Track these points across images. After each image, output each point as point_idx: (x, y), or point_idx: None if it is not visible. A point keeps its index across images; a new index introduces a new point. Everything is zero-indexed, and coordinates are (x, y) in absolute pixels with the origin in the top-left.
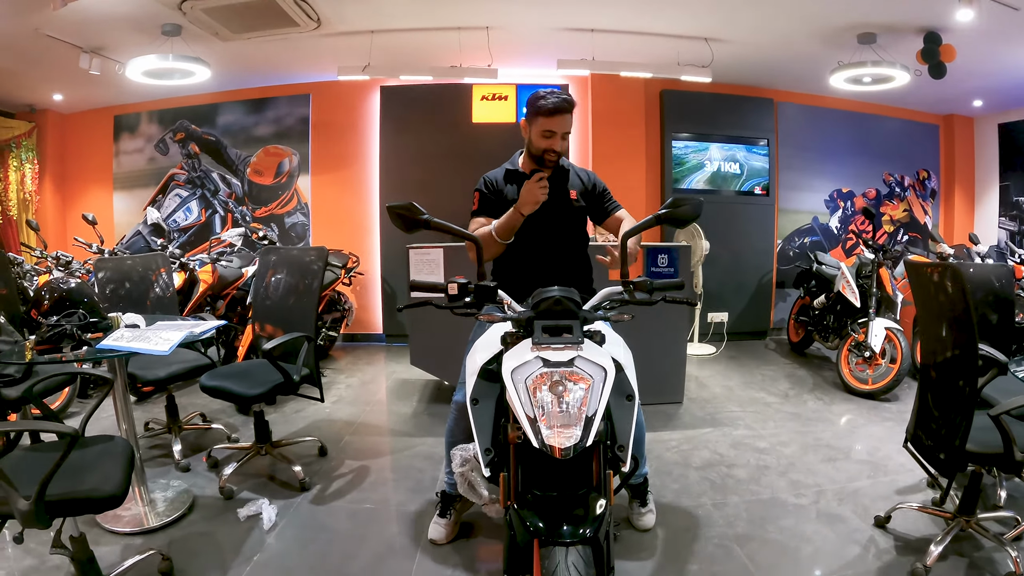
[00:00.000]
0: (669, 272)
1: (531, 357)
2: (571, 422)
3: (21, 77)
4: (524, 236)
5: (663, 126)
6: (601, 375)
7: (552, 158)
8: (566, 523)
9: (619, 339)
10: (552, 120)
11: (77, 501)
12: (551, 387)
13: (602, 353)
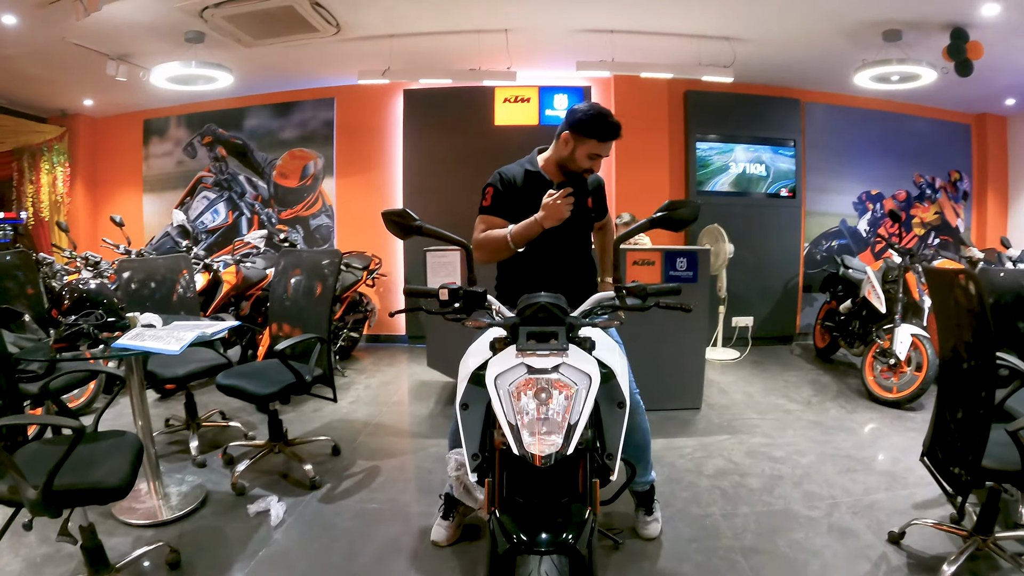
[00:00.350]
0: (688, 276)
1: (515, 363)
2: (552, 430)
3: (51, 83)
4: (536, 243)
5: (687, 128)
6: (586, 382)
7: (588, 176)
8: (544, 531)
9: (615, 345)
10: (605, 146)
11: (83, 492)
12: (535, 394)
13: (588, 360)
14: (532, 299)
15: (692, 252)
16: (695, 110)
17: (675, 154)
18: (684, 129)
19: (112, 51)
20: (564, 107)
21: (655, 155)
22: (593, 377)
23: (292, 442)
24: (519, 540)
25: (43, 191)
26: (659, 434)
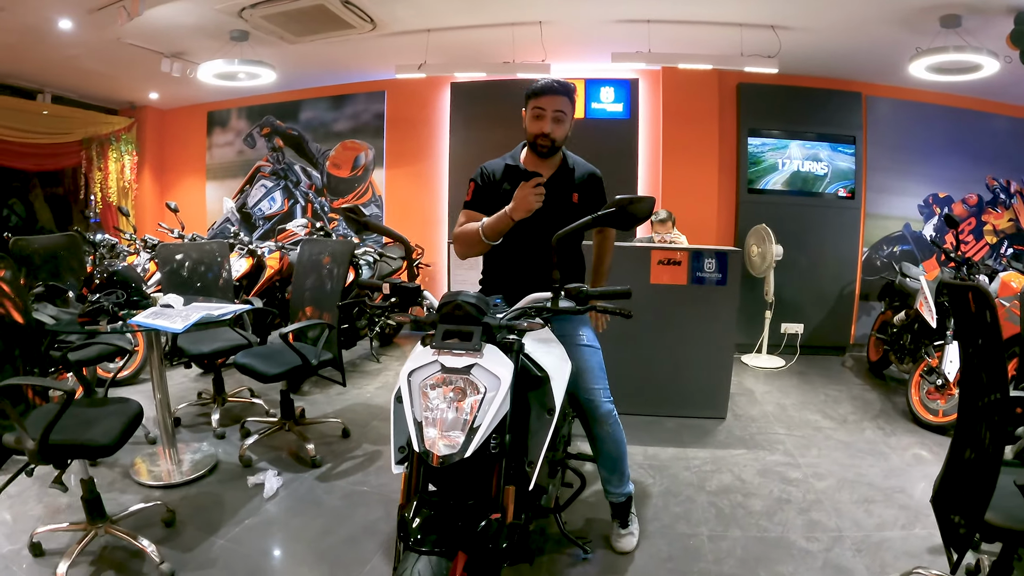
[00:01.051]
0: (717, 278)
1: (430, 360)
2: (454, 430)
3: (115, 79)
4: (515, 237)
5: (739, 122)
6: (495, 385)
7: (545, 143)
8: (430, 531)
9: (557, 350)
10: (541, 99)
11: (74, 447)
12: (443, 393)
13: (503, 363)
14: (450, 297)
15: (721, 252)
16: (748, 103)
17: (725, 150)
18: (736, 123)
19: (166, 49)
20: (610, 100)
21: (703, 150)
22: (503, 381)
23: (303, 422)
24: (404, 535)
25: (111, 178)
26: (671, 442)
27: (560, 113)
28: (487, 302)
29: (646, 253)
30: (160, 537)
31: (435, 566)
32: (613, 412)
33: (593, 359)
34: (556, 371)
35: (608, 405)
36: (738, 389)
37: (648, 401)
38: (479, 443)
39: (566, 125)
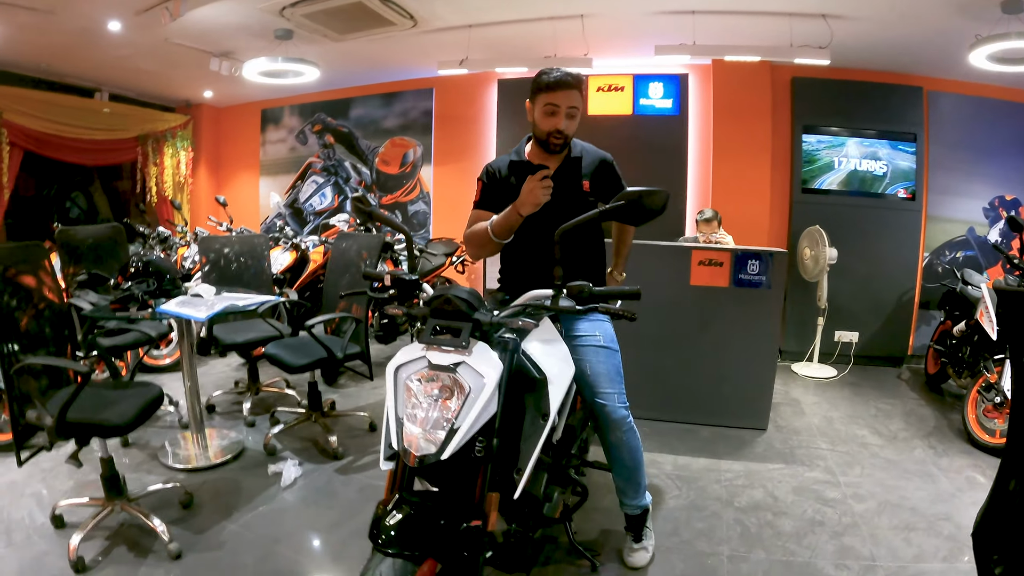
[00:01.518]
0: (759, 281)
1: (419, 356)
2: (435, 430)
3: (168, 78)
4: (527, 233)
5: (794, 118)
6: (480, 385)
7: (558, 140)
8: (400, 533)
9: (560, 351)
10: (555, 94)
11: (89, 425)
12: (425, 389)
13: (491, 363)
14: (441, 291)
15: (765, 254)
16: (802, 98)
17: (779, 147)
18: (790, 120)
19: (215, 48)
20: (659, 96)
21: (756, 148)
22: (488, 381)
23: (330, 414)
24: (374, 534)
25: (166, 172)
26: (705, 453)
27: (573, 109)
28: (479, 298)
29: (686, 253)
30: (176, 518)
31: (399, 570)
32: (627, 419)
33: (609, 362)
34: (556, 374)
35: (622, 411)
36: (784, 399)
37: (684, 408)
38: (458, 445)
39: (577, 120)
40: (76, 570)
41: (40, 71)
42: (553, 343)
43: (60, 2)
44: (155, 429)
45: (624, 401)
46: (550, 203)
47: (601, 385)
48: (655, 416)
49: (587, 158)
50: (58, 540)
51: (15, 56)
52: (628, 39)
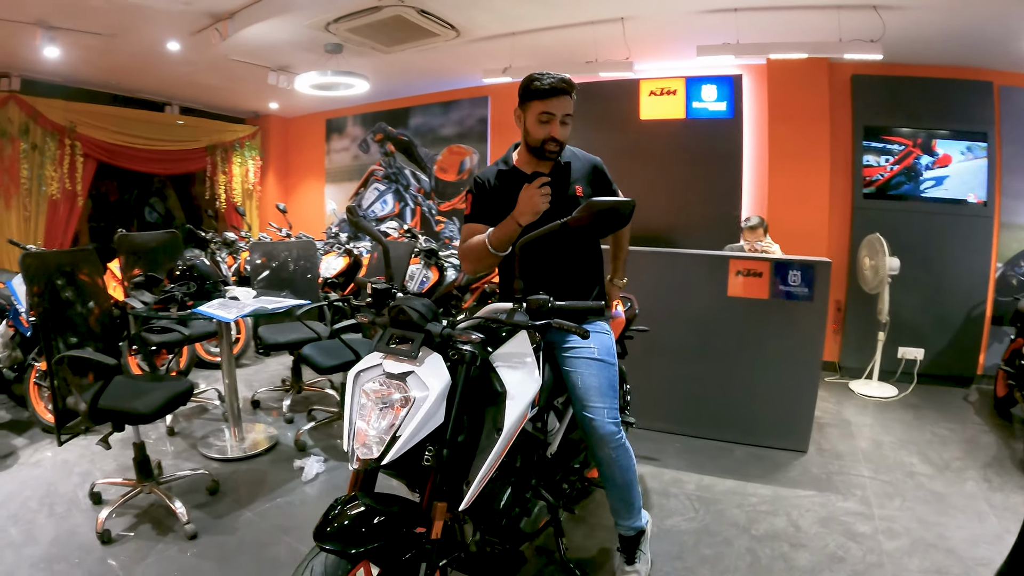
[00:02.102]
0: (802, 293)
1: (376, 363)
2: (379, 436)
3: (232, 91)
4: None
5: (854, 119)
6: (424, 395)
7: (553, 149)
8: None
9: (526, 365)
10: (549, 102)
11: (117, 412)
12: (375, 396)
13: (437, 374)
14: (397, 302)
15: (808, 264)
16: (863, 97)
17: (838, 149)
18: (850, 120)
19: (271, 63)
20: (712, 99)
21: (814, 151)
22: (431, 392)
23: None
24: (318, 527)
25: (235, 180)
26: (733, 474)
27: (568, 116)
28: (433, 309)
29: (723, 263)
30: (200, 502)
31: (330, 566)
32: (616, 435)
33: (601, 375)
34: (518, 388)
35: (610, 426)
36: (834, 419)
37: (720, 426)
38: (398, 452)
39: (571, 125)
40: (102, 541)
41: (112, 87)
42: (520, 357)
43: (120, 26)
44: (202, 420)
45: (615, 416)
46: (549, 210)
47: (590, 399)
48: (689, 432)
49: (577, 163)
50: (93, 514)
51: (88, 75)
52: (669, 41)
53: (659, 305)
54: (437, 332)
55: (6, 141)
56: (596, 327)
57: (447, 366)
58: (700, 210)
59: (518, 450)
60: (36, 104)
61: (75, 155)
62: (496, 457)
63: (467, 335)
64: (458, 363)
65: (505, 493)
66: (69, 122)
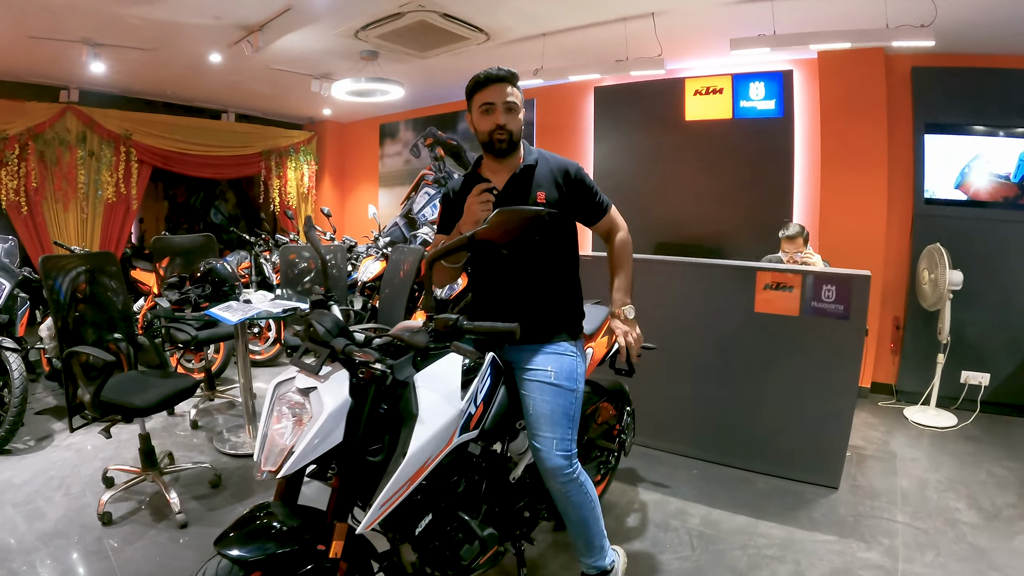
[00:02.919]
0: (836, 310)
1: (292, 376)
2: (280, 448)
3: (283, 99)
4: (481, 258)
5: (914, 114)
6: (320, 412)
7: (502, 137)
8: (241, 538)
9: (447, 387)
10: (486, 91)
11: (116, 405)
12: (287, 409)
13: (335, 392)
14: (310, 316)
15: (843, 278)
16: (924, 92)
17: (897, 149)
18: (911, 116)
19: (313, 71)
20: (760, 97)
21: (870, 151)
22: (325, 410)
23: None
24: (219, 535)
25: (290, 184)
26: (748, 509)
27: (511, 103)
28: (340, 324)
29: (750, 275)
30: (200, 494)
31: (222, 571)
32: (566, 469)
33: (555, 401)
34: (431, 411)
35: (558, 460)
36: (878, 451)
37: (744, 453)
38: (291, 468)
39: (519, 115)
40: (103, 522)
41: (168, 97)
42: (444, 379)
43: (160, 41)
44: (226, 416)
45: (567, 448)
46: None
47: (539, 427)
48: (709, 458)
49: (544, 166)
50: (99, 496)
51: (143, 86)
52: (702, 35)
53: (679, 320)
54: (340, 348)
55: (64, 149)
56: (556, 348)
57: (359, 383)
58: (748, 217)
59: (458, 473)
60: (93, 114)
61: (130, 161)
62: (400, 481)
63: (366, 355)
64: (371, 382)
65: (424, 519)
66: (124, 130)
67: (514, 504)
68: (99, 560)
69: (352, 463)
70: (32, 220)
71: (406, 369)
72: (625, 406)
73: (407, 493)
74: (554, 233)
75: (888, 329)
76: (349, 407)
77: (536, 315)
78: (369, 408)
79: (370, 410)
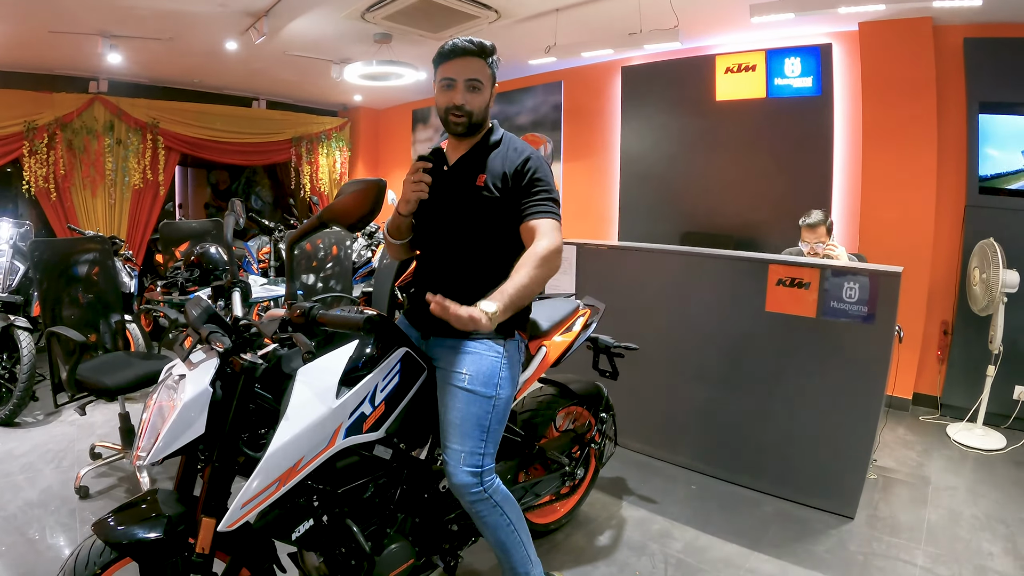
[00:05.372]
0: (859, 312)
1: (177, 361)
2: (151, 435)
3: (311, 85)
4: (421, 236)
5: (968, 92)
6: (182, 401)
7: (458, 118)
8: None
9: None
10: (449, 64)
11: (89, 384)
12: (165, 396)
13: (197, 381)
14: (188, 302)
15: (868, 274)
16: (978, 66)
17: (949, 130)
18: (964, 94)
19: (331, 56)
20: (796, 74)
21: (918, 132)
22: (184, 399)
23: None
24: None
25: (321, 171)
26: (742, 537)
27: (476, 81)
28: (211, 311)
29: (761, 268)
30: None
31: (95, 555)
32: (474, 488)
33: (467, 409)
34: (299, 409)
35: (465, 476)
36: (910, 474)
37: (750, 469)
38: (154, 456)
39: (485, 94)
40: (80, 496)
41: (195, 85)
42: (320, 373)
43: (175, 30)
44: None
45: (476, 464)
46: (442, 201)
47: (448, 437)
48: (714, 473)
49: (499, 149)
50: (81, 470)
51: (167, 74)
52: (720, 2)
53: (683, 316)
54: (204, 335)
55: (91, 138)
56: (477, 347)
57: (232, 373)
58: (782, 205)
59: (363, 478)
60: (120, 103)
61: (157, 148)
62: (265, 481)
63: (219, 342)
64: (241, 373)
65: (304, 524)
66: (152, 119)
67: (441, 516)
68: (66, 531)
69: (223, 455)
70: (61, 206)
71: (294, 360)
72: (602, 411)
73: (278, 494)
74: (489, 222)
75: (935, 334)
76: (211, 397)
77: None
78: (238, 400)
79: (244, 401)
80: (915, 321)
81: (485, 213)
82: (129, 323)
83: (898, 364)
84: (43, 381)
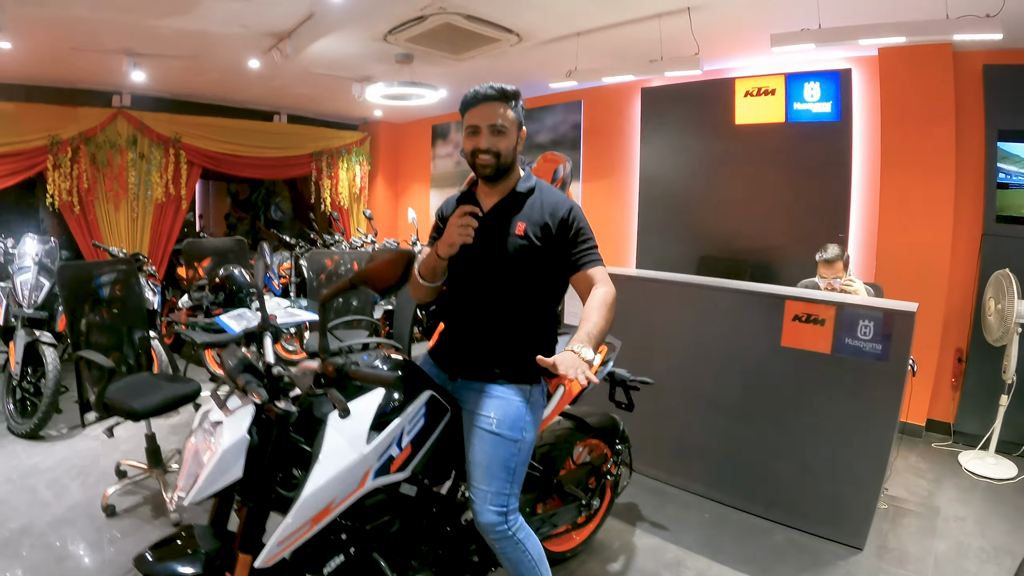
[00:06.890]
0: (873, 350)
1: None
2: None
3: (332, 100)
4: (455, 280)
5: (987, 119)
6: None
7: (486, 162)
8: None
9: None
10: (472, 112)
11: (117, 407)
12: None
13: (234, 428)
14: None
15: (883, 313)
16: (997, 94)
17: (967, 158)
18: (983, 121)
19: (352, 74)
20: (815, 99)
21: (936, 159)
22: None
23: None
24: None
25: (341, 185)
26: (753, 566)
27: (500, 125)
28: (246, 362)
29: (778, 304)
30: None
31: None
32: (499, 526)
33: (494, 452)
34: (332, 453)
35: (491, 515)
36: (920, 504)
37: (762, 499)
38: (194, 498)
39: (511, 137)
40: (107, 514)
41: (217, 100)
42: (351, 419)
43: (197, 49)
44: None
45: (501, 504)
46: (478, 247)
47: (474, 477)
48: (727, 501)
49: (535, 197)
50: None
51: (189, 90)
52: (741, 30)
53: (700, 348)
54: (241, 385)
55: (115, 152)
56: (503, 392)
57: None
58: (800, 230)
59: (390, 514)
60: (143, 118)
61: (179, 163)
62: (299, 521)
63: (256, 394)
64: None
65: (335, 559)
66: (174, 133)
67: (464, 547)
68: (93, 550)
69: (259, 497)
70: (84, 219)
71: (324, 405)
72: (618, 443)
73: (311, 532)
74: (527, 270)
75: (949, 361)
76: (249, 443)
77: (482, 351)
78: (274, 446)
79: (279, 446)
80: (930, 348)
81: (525, 261)
82: (153, 339)
83: (911, 392)
84: (66, 393)
